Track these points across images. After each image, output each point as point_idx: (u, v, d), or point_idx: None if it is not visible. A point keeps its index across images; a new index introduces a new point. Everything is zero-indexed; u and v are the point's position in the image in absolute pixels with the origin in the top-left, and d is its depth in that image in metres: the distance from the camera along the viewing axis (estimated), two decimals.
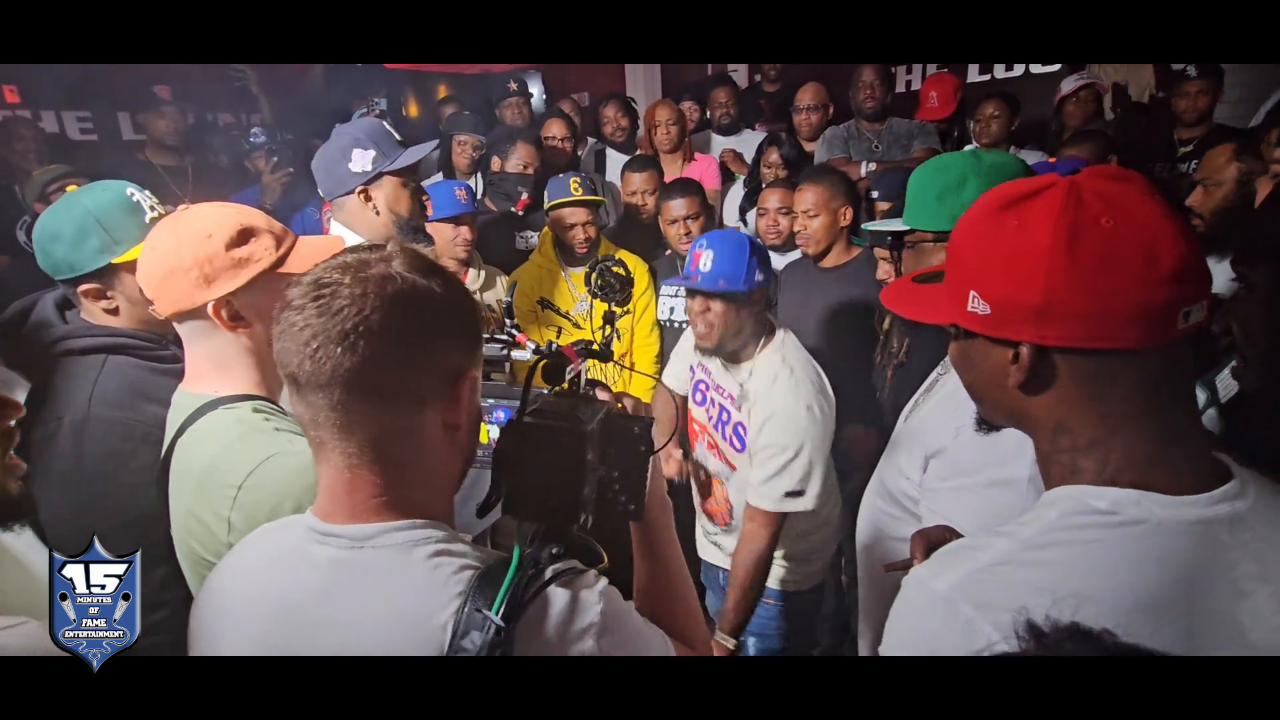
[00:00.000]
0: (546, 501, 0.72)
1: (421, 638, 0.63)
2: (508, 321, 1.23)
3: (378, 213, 1.62)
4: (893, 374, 1.77)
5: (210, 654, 0.72)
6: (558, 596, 0.66)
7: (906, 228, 1.29)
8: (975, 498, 1.12)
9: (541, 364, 0.79)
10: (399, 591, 0.65)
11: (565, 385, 0.84)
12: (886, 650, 0.64)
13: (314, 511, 0.71)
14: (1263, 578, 0.58)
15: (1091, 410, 0.62)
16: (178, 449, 1.01)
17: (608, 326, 0.95)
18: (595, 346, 0.90)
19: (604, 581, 0.70)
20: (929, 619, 0.60)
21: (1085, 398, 0.62)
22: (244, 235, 1.02)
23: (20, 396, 1.05)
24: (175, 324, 1.05)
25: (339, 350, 0.63)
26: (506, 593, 0.63)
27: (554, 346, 0.83)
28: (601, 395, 0.85)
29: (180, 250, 0.99)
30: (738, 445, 1.72)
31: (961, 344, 0.70)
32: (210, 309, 1.00)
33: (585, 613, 0.66)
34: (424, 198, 1.70)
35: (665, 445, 0.85)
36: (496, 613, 0.62)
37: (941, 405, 1.25)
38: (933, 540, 0.86)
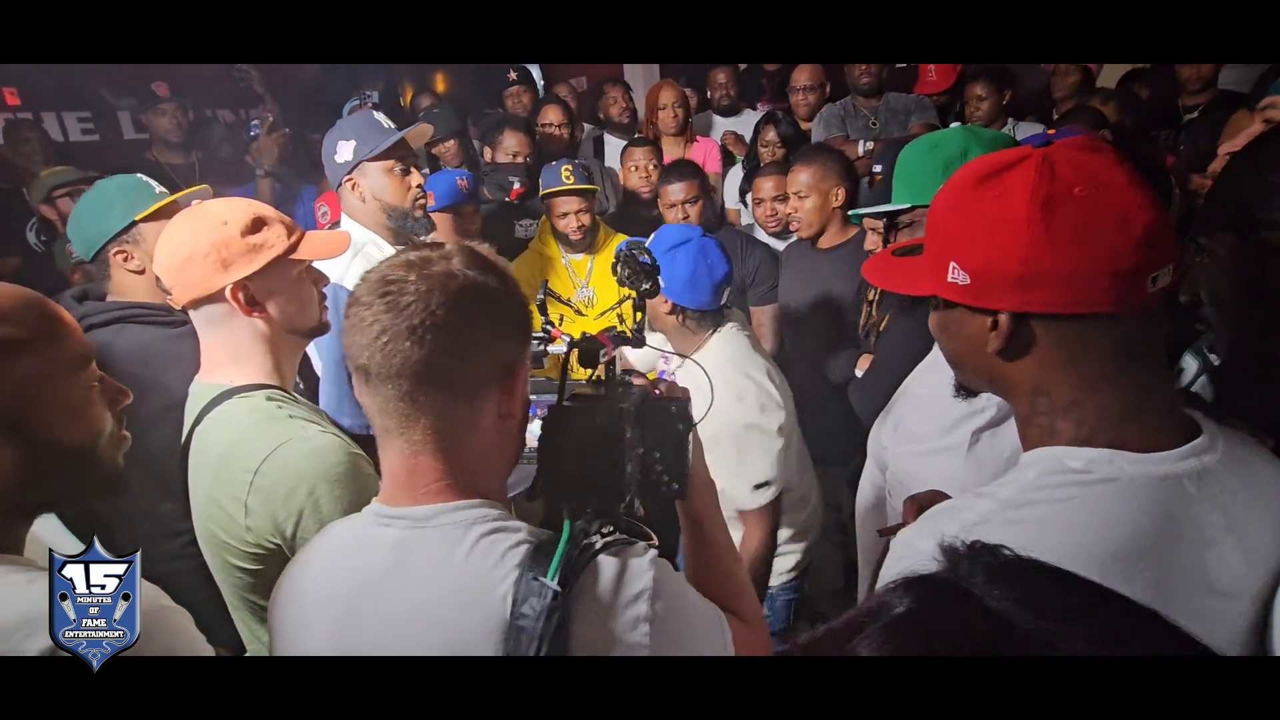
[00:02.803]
0: (591, 481, 0.75)
1: (484, 609, 0.67)
2: (542, 319, 1.24)
3: (364, 200, 1.67)
4: (875, 342, 1.79)
5: (292, 640, 0.76)
6: (608, 564, 0.70)
7: (905, 205, 1.28)
8: (922, 463, 1.12)
9: (576, 350, 0.82)
10: (459, 567, 0.69)
11: (601, 374, 0.86)
12: None
13: (378, 499, 0.75)
14: (1228, 527, 0.61)
15: (1067, 374, 0.64)
16: (196, 438, 1.05)
17: (638, 314, 0.96)
18: (628, 334, 0.91)
19: (653, 552, 0.74)
20: None
21: (1061, 361, 0.64)
22: (257, 224, 1.07)
23: None
24: (191, 313, 1.08)
25: (407, 344, 0.67)
26: (560, 561, 0.67)
27: (586, 335, 0.86)
28: (637, 381, 0.88)
29: (197, 238, 1.04)
30: None
31: (941, 314, 0.72)
32: (228, 292, 1.04)
33: (637, 579, 0.70)
34: (423, 189, 1.72)
35: (702, 418, 0.87)
36: (552, 579, 0.66)
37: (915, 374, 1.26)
38: (923, 504, 0.88)
